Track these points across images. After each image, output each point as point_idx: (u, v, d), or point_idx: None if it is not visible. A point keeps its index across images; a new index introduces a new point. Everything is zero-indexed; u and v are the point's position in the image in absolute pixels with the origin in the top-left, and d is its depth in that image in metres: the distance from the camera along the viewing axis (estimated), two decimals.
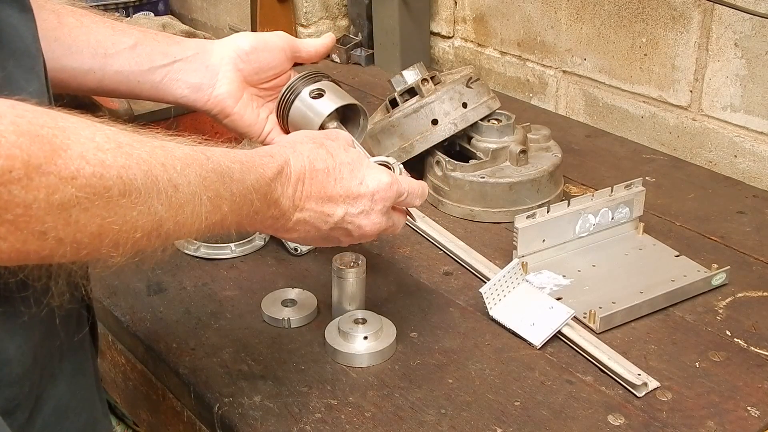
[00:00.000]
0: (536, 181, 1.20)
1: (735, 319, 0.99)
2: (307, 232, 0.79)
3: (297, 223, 0.77)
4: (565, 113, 1.66)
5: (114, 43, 0.90)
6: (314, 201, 0.77)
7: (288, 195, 0.75)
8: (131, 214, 0.56)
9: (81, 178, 0.52)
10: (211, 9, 2.14)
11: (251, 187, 0.69)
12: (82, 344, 0.74)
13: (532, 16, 1.66)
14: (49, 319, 0.66)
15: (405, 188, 0.84)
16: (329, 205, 0.78)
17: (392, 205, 0.84)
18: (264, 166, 0.72)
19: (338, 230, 0.80)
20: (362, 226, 0.81)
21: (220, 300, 1.03)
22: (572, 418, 0.84)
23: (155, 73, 0.92)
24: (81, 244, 0.54)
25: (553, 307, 0.96)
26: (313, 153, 0.78)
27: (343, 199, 0.79)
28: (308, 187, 0.77)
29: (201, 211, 0.63)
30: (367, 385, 0.89)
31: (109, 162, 0.54)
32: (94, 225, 0.54)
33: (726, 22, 1.34)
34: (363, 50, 1.89)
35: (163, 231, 0.60)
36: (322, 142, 0.80)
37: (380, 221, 0.82)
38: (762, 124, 1.35)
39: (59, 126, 0.53)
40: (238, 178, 0.68)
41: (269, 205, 0.73)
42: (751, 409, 0.85)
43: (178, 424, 0.97)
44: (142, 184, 0.56)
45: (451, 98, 1.21)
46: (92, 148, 0.54)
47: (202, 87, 0.93)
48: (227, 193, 0.66)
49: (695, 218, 1.22)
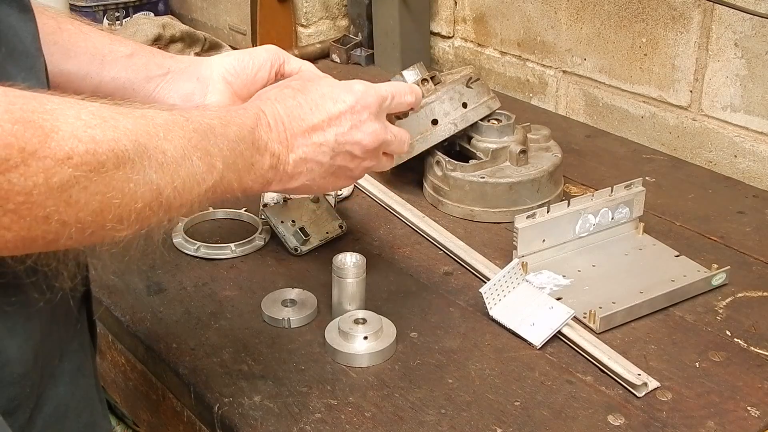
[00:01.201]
0: (536, 181, 1.20)
1: (735, 319, 0.99)
2: (312, 171, 0.80)
3: (296, 164, 0.78)
4: (565, 113, 1.66)
5: (111, 51, 0.92)
6: (301, 136, 0.78)
7: (274, 139, 0.75)
8: (128, 185, 0.57)
9: (76, 157, 0.53)
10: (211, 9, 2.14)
11: (236, 138, 0.70)
12: (82, 344, 0.74)
13: (532, 16, 1.66)
14: (49, 319, 0.66)
15: (387, 89, 0.84)
16: (317, 134, 0.79)
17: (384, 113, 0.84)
18: (240, 116, 0.73)
19: (340, 157, 0.81)
20: (360, 141, 0.81)
21: (220, 300, 1.03)
22: (572, 418, 0.84)
23: (150, 83, 0.93)
24: (85, 224, 0.55)
25: (553, 307, 0.96)
26: (280, 95, 0.79)
27: (327, 123, 0.79)
28: (290, 126, 0.77)
29: (196, 173, 0.64)
30: (367, 385, 0.89)
31: (99, 137, 0.55)
32: (95, 202, 0.55)
33: (726, 22, 1.34)
34: (363, 50, 1.89)
35: (163, 198, 0.60)
36: (286, 84, 0.82)
37: (374, 128, 0.82)
38: (762, 124, 1.35)
39: (47, 109, 0.53)
40: (220, 132, 0.68)
41: (261, 153, 0.74)
42: (751, 409, 0.85)
43: (178, 424, 0.97)
44: (133, 154, 0.57)
45: (451, 98, 1.21)
46: (81, 126, 0.54)
47: (192, 97, 0.94)
48: (215, 149, 0.67)
49: (695, 218, 1.22)
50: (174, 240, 1.14)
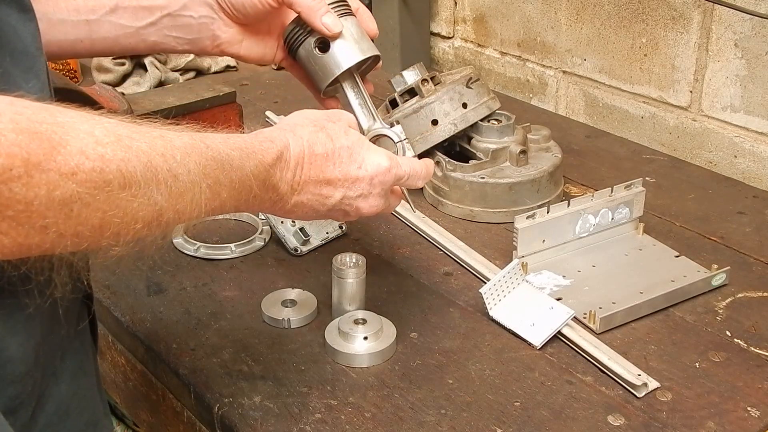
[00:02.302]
0: (536, 182, 1.20)
1: (735, 319, 0.99)
2: (305, 213, 0.80)
3: (295, 205, 0.77)
4: (565, 113, 1.66)
5: (93, 8, 0.90)
6: (312, 185, 0.77)
7: (287, 179, 0.75)
8: (132, 206, 0.57)
9: (81, 174, 0.53)
10: None
11: (250, 174, 0.70)
12: (83, 343, 0.74)
13: (532, 16, 1.66)
14: (50, 317, 0.66)
15: (406, 171, 0.84)
16: (327, 188, 0.78)
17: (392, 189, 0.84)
18: (263, 152, 0.72)
19: (336, 211, 0.81)
20: (360, 209, 0.81)
21: (220, 300, 1.03)
22: (572, 418, 0.84)
23: (144, 32, 0.92)
24: (82, 237, 0.55)
25: (553, 307, 0.96)
26: (313, 137, 0.78)
27: (341, 183, 0.79)
28: (307, 171, 0.77)
29: (200, 199, 0.63)
30: (367, 385, 0.89)
31: (108, 156, 0.54)
32: (95, 218, 0.55)
33: (726, 22, 1.34)
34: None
35: (163, 220, 0.60)
36: (323, 125, 0.80)
37: (378, 204, 0.82)
38: (762, 125, 1.35)
39: (58, 122, 0.53)
40: (237, 165, 0.68)
41: (267, 190, 0.73)
42: (751, 410, 0.85)
43: (178, 424, 0.97)
44: (141, 176, 0.57)
45: (451, 98, 1.22)
46: (92, 142, 0.54)
47: (200, 42, 0.93)
48: (227, 180, 0.66)
49: (695, 218, 1.22)
50: (174, 240, 1.14)
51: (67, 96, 1.07)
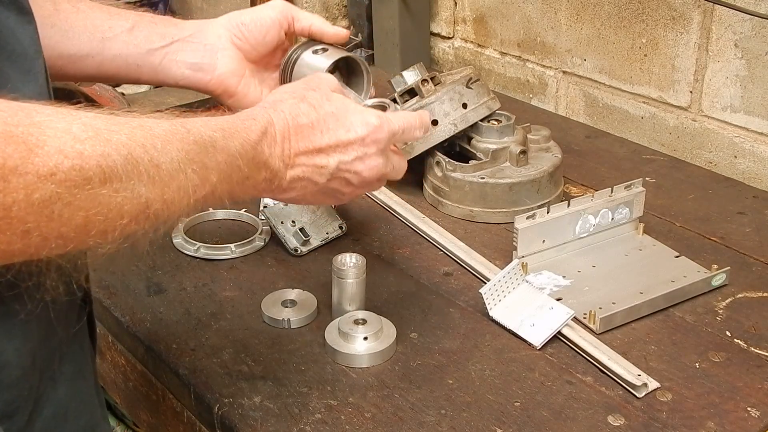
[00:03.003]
0: (536, 182, 1.20)
1: (735, 319, 0.99)
2: (305, 189, 0.77)
3: (292, 181, 0.76)
4: (565, 114, 1.66)
5: (111, 26, 0.89)
6: (304, 156, 0.75)
7: (276, 155, 0.73)
8: (115, 201, 0.55)
9: (60, 174, 0.51)
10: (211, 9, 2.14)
11: (236, 154, 0.68)
12: (82, 346, 0.74)
13: (532, 16, 1.66)
14: (47, 321, 0.66)
15: (399, 125, 0.81)
16: (320, 156, 0.76)
17: (390, 147, 0.81)
18: (247, 130, 0.71)
19: (336, 181, 0.79)
20: (360, 172, 0.79)
21: (220, 301, 1.03)
22: (572, 418, 0.84)
23: (154, 55, 0.91)
24: (67, 239, 0.54)
25: (553, 307, 0.96)
26: (295, 108, 0.76)
27: (333, 149, 0.77)
28: (295, 143, 0.75)
29: (188, 186, 0.62)
30: (367, 385, 0.89)
31: (87, 153, 0.53)
32: (78, 218, 0.53)
33: (726, 22, 1.34)
34: (363, 51, 1.88)
35: (151, 212, 0.59)
36: (303, 96, 0.78)
37: (377, 164, 0.80)
38: (762, 125, 1.35)
39: (34, 122, 0.52)
40: (221, 146, 0.66)
41: (259, 169, 0.72)
42: (751, 410, 0.85)
43: (178, 424, 0.97)
44: (122, 170, 0.55)
45: (451, 99, 1.22)
46: (69, 140, 0.53)
47: (202, 67, 0.92)
48: (213, 163, 0.65)
49: (695, 219, 1.22)
50: (174, 241, 1.14)
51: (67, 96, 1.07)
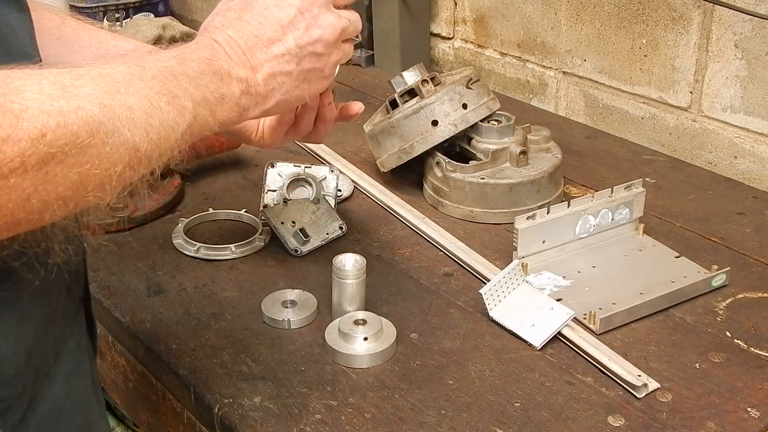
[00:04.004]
0: (536, 182, 1.20)
1: (735, 320, 0.99)
2: (284, 84, 0.76)
3: (266, 82, 0.74)
4: (565, 114, 1.66)
5: (116, 45, 0.92)
6: (261, 52, 0.74)
7: (236, 64, 0.72)
8: (105, 151, 0.56)
9: (49, 133, 0.52)
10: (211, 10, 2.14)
11: (197, 74, 0.68)
12: (79, 345, 0.74)
13: (532, 17, 1.66)
14: (44, 319, 0.66)
15: None
16: (275, 45, 0.75)
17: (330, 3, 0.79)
18: (195, 51, 0.70)
19: (306, 60, 0.77)
20: (321, 37, 0.77)
21: (220, 301, 1.03)
22: (572, 419, 0.84)
23: None
24: (66, 198, 0.54)
25: (553, 308, 0.96)
26: (225, 20, 0.76)
27: (282, 31, 0.76)
28: (246, 47, 0.74)
29: (168, 119, 0.62)
30: (367, 386, 0.89)
31: (65, 108, 0.53)
32: (74, 174, 0.54)
33: (726, 23, 1.34)
34: (363, 51, 1.89)
35: (142, 154, 0.59)
36: (227, 7, 0.78)
37: (330, 20, 0.78)
38: (762, 125, 1.35)
39: (11, 88, 0.52)
40: (180, 72, 0.66)
41: (228, 82, 0.71)
42: (751, 410, 0.85)
43: (178, 425, 0.97)
44: (101, 117, 0.56)
45: (451, 99, 1.22)
46: (47, 100, 0.53)
47: None
48: (180, 90, 0.64)
49: (695, 219, 1.22)
50: (174, 241, 1.14)
51: None
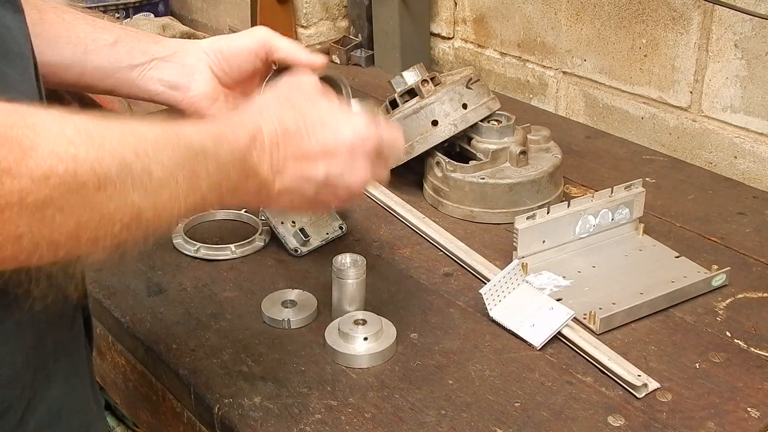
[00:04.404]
0: (536, 182, 1.20)
1: (735, 320, 0.99)
2: (293, 200, 0.76)
3: (280, 193, 0.74)
4: (565, 114, 1.66)
5: (94, 39, 0.91)
6: (292, 163, 0.74)
7: (266, 161, 0.72)
8: (108, 207, 0.54)
9: (54, 177, 0.50)
10: (211, 10, 2.14)
11: (227, 161, 0.67)
12: (77, 345, 0.74)
13: (532, 17, 1.66)
14: (42, 322, 0.66)
15: (386, 134, 0.80)
16: (308, 164, 0.75)
17: (376, 154, 0.79)
18: (236, 136, 0.69)
19: (324, 192, 0.77)
20: (349, 186, 0.77)
21: (220, 301, 1.03)
22: (572, 419, 0.84)
23: (133, 71, 0.92)
24: (58, 245, 0.53)
25: (553, 308, 0.96)
26: (282, 114, 0.75)
27: (321, 155, 0.75)
28: (284, 150, 0.73)
29: (179, 193, 0.61)
30: (367, 386, 0.89)
31: (81, 156, 0.52)
32: (71, 223, 0.52)
33: (726, 23, 1.34)
34: (363, 51, 1.89)
35: (143, 220, 0.58)
36: (288, 100, 0.77)
37: (364, 175, 0.78)
38: (762, 125, 1.35)
39: (28, 123, 0.51)
40: (212, 153, 0.65)
41: (248, 176, 0.70)
42: (751, 410, 0.85)
43: (178, 425, 0.97)
44: (116, 175, 0.55)
45: (451, 99, 1.22)
46: (63, 143, 0.52)
47: (178, 86, 0.93)
48: (203, 170, 0.64)
49: (695, 219, 1.22)
50: (174, 241, 1.14)
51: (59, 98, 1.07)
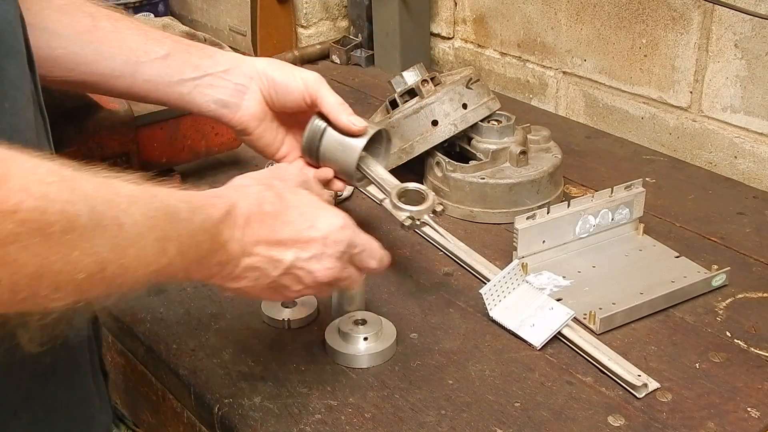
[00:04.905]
0: (536, 182, 1.20)
1: (735, 320, 0.99)
2: (255, 280, 0.75)
3: (245, 269, 0.73)
4: (565, 114, 1.66)
5: (146, 51, 0.90)
6: (263, 245, 0.73)
7: (236, 238, 0.71)
8: (73, 253, 0.52)
9: (22, 212, 0.48)
10: (211, 10, 2.14)
11: (199, 228, 0.66)
12: (80, 339, 0.73)
13: (532, 17, 1.66)
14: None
15: (362, 240, 0.80)
16: (278, 249, 0.74)
17: (349, 256, 0.79)
18: (212, 207, 0.69)
19: (288, 277, 0.76)
20: (314, 272, 0.76)
21: (220, 301, 1.03)
22: (572, 419, 0.84)
23: (184, 85, 0.92)
24: (18, 287, 0.50)
25: (553, 308, 0.96)
26: (261, 195, 0.75)
27: (293, 243, 0.75)
28: (257, 230, 0.73)
29: (147, 254, 0.59)
30: (367, 386, 0.89)
31: (52, 195, 0.50)
32: (33, 264, 0.50)
33: (726, 23, 1.34)
34: (363, 51, 1.89)
35: (107, 274, 0.55)
36: (270, 184, 0.78)
37: (333, 266, 0.77)
38: (762, 125, 1.35)
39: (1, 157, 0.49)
40: (185, 218, 0.64)
41: (216, 250, 0.69)
42: (751, 410, 0.85)
43: (178, 425, 0.97)
44: (86, 221, 0.53)
45: (451, 99, 1.21)
46: (35, 180, 0.50)
47: (228, 104, 0.93)
48: (174, 234, 0.62)
49: (695, 219, 1.22)
50: None
51: (65, 95, 1.07)
